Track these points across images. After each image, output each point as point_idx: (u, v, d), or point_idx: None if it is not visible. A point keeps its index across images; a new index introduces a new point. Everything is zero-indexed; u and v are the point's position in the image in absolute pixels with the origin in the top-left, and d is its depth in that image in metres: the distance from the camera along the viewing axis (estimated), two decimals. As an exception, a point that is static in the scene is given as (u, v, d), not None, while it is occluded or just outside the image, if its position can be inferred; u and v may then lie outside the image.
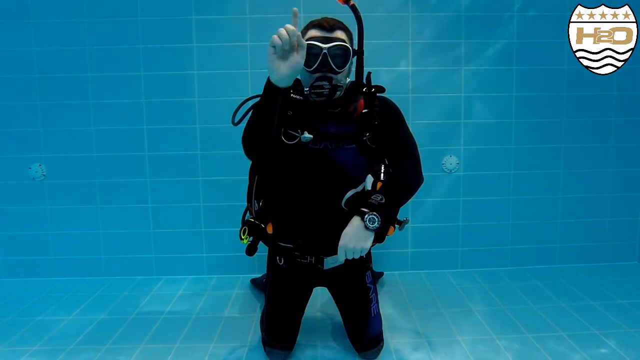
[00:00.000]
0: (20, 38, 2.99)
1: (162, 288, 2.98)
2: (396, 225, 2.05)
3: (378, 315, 2.13)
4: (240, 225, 2.01)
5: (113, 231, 3.15)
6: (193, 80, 3.03)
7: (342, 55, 1.80)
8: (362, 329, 2.09)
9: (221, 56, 3.02)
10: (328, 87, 1.79)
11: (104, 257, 3.16)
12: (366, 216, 1.74)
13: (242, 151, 2.02)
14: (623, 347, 2.13)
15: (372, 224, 1.74)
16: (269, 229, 1.97)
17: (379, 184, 1.85)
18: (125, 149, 3.08)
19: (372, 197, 1.79)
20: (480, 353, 2.12)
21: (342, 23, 1.88)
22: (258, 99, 1.82)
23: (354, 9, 1.84)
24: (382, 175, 1.88)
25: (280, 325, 2.11)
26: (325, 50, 1.77)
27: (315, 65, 1.79)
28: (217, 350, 2.19)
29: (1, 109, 3.05)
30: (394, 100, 2.05)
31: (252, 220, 2.00)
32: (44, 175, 3.09)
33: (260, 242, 2.04)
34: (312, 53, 1.77)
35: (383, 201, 1.77)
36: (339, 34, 1.83)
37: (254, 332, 2.36)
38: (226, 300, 2.78)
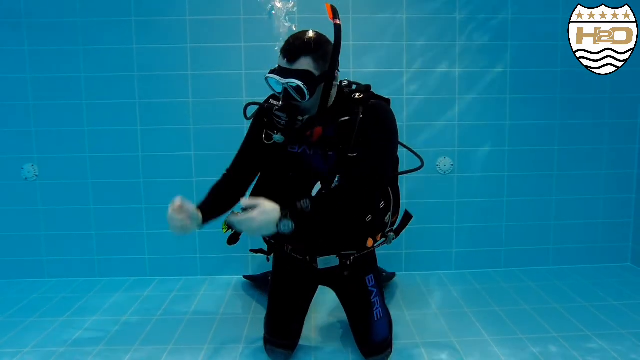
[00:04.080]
0: (12, 38, 2.97)
1: (155, 289, 2.97)
2: (382, 239, 2.09)
3: (383, 319, 2.08)
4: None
5: (106, 232, 3.13)
6: (187, 81, 3.02)
7: (300, 89, 1.72)
8: (366, 333, 2.06)
9: (215, 57, 3.01)
10: (285, 119, 1.81)
11: (97, 258, 3.15)
12: (283, 220, 1.63)
13: (235, 152, 2.08)
14: (616, 348, 2.14)
15: (284, 228, 1.63)
16: None
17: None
18: (119, 150, 3.07)
19: (301, 201, 1.68)
20: (473, 354, 2.12)
21: (313, 44, 1.75)
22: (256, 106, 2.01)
23: (336, 28, 1.73)
24: (334, 183, 1.80)
25: (280, 322, 2.11)
26: (284, 85, 1.76)
27: (281, 96, 1.81)
28: (211, 351, 2.18)
29: (-7, 108, 3.04)
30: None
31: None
32: (36, 175, 3.07)
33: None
34: (275, 87, 1.81)
35: (308, 210, 1.66)
36: (302, 63, 1.73)
37: (248, 333, 2.35)
38: (220, 301, 2.77)
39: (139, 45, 2.99)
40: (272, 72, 1.79)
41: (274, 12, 2.05)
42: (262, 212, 1.62)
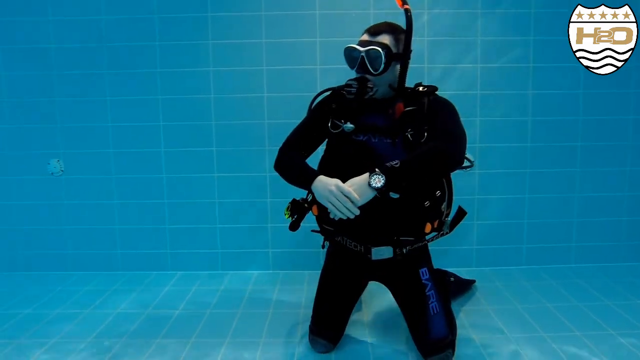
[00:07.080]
0: (38, 35, 3.03)
1: (177, 283, 3.01)
2: (437, 231, 2.09)
3: (440, 314, 2.00)
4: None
5: (129, 226, 3.18)
6: (209, 77, 3.05)
7: (377, 58, 1.87)
8: (422, 329, 2.00)
9: (237, 53, 3.03)
10: (356, 87, 1.90)
11: (120, 252, 3.20)
12: (373, 175, 1.73)
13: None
14: (640, 347, 2.11)
15: (375, 184, 1.72)
16: (315, 211, 2.04)
17: None
18: (142, 145, 3.11)
19: (389, 162, 1.76)
20: (493, 352, 2.11)
21: (393, 27, 1.96)
22: (326, 94, 2.09)
23: (407, 13, 1.90)
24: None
25: (325, 312, 2.13)
26: (362, 54, 1.89)
27: (355, 67, 1.94)
28: (231, 346, 2.21)
29: (20, 105, 3.10)
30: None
31: (299, 199, 2.07)
32: (62, 170, 3.13)
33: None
34: (353, 55, 1.93)
35: (397, 165, 1.73)
36: (383, 38, 1.91)
37: (268, 329, 2.37)
38: (241, 296, 2.80)
39: (162, 42, 3.02)
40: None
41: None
42: (354, 179, 1.77)
